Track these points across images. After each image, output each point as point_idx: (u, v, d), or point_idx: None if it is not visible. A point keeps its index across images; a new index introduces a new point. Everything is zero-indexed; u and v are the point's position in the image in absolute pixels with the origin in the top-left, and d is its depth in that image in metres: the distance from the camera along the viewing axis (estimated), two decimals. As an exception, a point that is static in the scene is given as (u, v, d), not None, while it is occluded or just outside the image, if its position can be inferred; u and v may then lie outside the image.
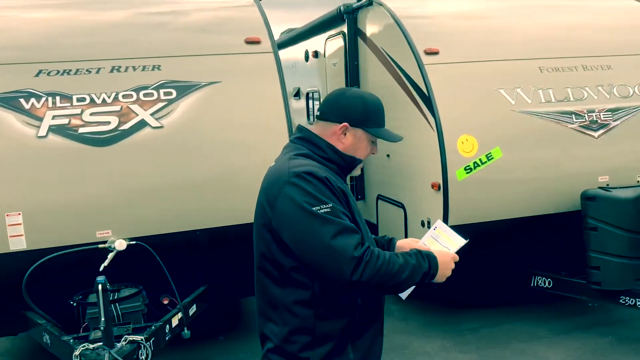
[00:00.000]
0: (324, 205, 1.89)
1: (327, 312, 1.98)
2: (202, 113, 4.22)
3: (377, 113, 2.15)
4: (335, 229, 1.87)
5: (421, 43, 4.85)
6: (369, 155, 2.19)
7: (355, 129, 2.10)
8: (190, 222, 4.16)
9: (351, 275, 1.85)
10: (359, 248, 1.88)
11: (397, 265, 1.91)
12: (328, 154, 2.08)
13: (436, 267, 1.99)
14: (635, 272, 4.40)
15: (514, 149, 4.66)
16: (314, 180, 1.92)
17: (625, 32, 5.47)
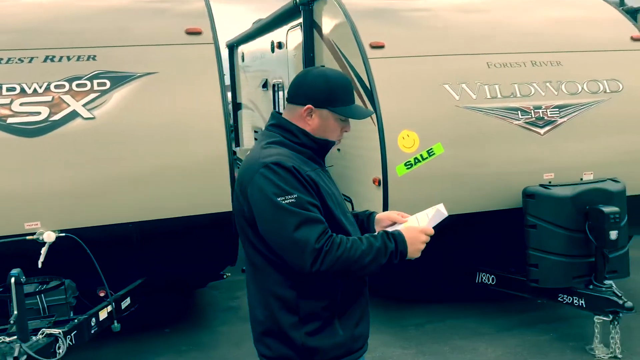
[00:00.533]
0: (289, 196, 1.92)
1: (309, 292, 2.02)
2: (135, 104, 4.17)
3: (341, 90, 2.11)
4: (297, 221, 1.90)
5: (367, 36, 4.80)
6: (342, 134, 2.17)
7: (320, 109, 2.09)
8: (122, 214, 4.12)
9: (311, 266, 1.90)
10: (321, 239, 1.91)
11: (359, 251, 1.94)
12: (301, 139, 2.09)
13: (404, 244, 2.00)
14: (573, 271, 4.39)
15: (457, 144, 4.63)
16: (280, 171, 1.95)
17: (578, 27, 5.43)
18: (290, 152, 2.05)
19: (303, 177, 1.98)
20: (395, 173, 4.50)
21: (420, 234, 2.06)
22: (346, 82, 2.16)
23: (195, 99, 4.27)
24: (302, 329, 2.04)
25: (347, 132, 2.20)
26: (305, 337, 2.04)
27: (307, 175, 1.99)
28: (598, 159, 4.94)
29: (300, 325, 2.04)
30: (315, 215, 1.95)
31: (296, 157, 2.04)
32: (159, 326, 5.28)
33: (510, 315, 5.19)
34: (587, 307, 4.35)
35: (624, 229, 4.45)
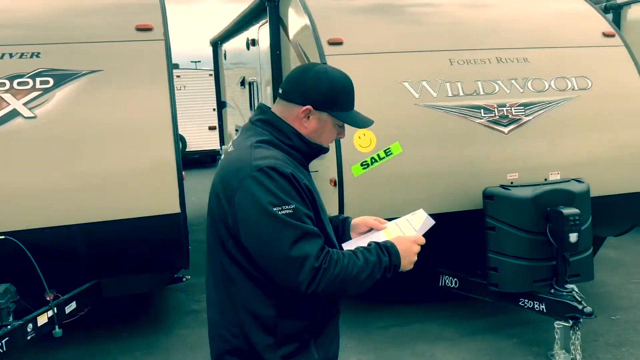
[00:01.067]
0: (286, 206, 1.74)
1: (290, 312, 1.87)
2: (79, 103, 4.06)
3: (344, 95, 1.96)
4: (296, 235, 1.73)
5: (326, 32, 4.66)
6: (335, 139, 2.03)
7: (320, 112, 1.91)
8: (65, 216, 4.01)
9: (308, 286, 1.74)
10: (320, 255, 1.74)
11: (357, 268, 1.79)
12: (294, 142, 1.91)
13: (397, 257, 1.87)
14: (533, 274, 4.24)
15: (416, 144, 4.49)
16: (277, 177, 1.76)
17: (547, 22, 5.27)
18: (283, 155, 1.87)
19: (300, 186, 1.80)
20: (351, 173, 4.37)
21: (413, 244, 1.94)
22: (350, 85, 2.00)
23: (141, 98, 4.16)
24: (277, 351, 1.87)
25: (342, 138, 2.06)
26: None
27: (303, 183, 1.82)
28: (565, 159, 4.79)
29: (276, 346, 1.87)
30: (313, 228, 1.77)
31: (290, 162, 1.87)
32: (117, 329, 5.18)
33: (475, 319, 5.05)
34: (547, 312, 4.20)
35: (587, 231, 4.31)
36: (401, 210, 4.48)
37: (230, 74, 9.67)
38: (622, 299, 5.46)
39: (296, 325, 1.88)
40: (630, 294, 5.60)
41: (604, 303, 5.38)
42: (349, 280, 1.77)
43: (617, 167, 4.95)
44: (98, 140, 4.06)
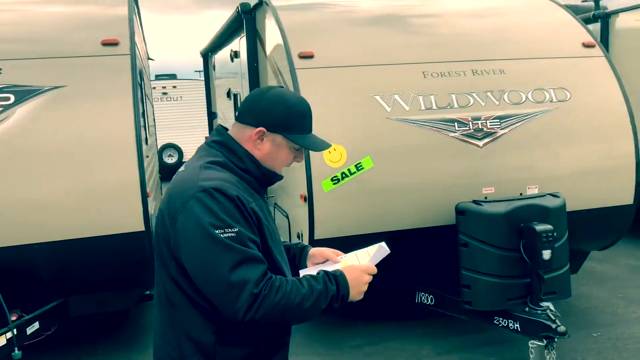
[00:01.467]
0: (229, 230, 1.69)
1: (229, 339, 1.82)
2: (40, 120, 3.99)
3: (299, 117, 1.91)
4: (236, 259, 1.68)
5: (297, 46, 4.59)
6: (291, 164, 1.98)
7: (274, 134, 1.88)
8: (26, 235, 3.93)
9: (245, 314, 1.68)
10: (260, 282, 1.69)
11: (300, 295, 1.74)
12: (246, 165, 1.88)
13: (345, 286, 1.82)
14: (507, 292, 4.13)
15: (387, 158, 4.40)
16: (222, 199, 1.72)
17: (525, 33, 5.19)
18: (234, 178, 1.83)
19: (246, 209, 1.76)
20: (321, 188, 4.28)
21: (363, 273, 1.87)
22: (307, 109, 1.96)
23: (104, 114, 4.08)
24: None
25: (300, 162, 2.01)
26: None
27: (250, 207, 1.77)
28: (543, 172, 4.69)
29: None
30: (256, 253, 1.73)
31: (240, 185, 1.82)
32: (92, 347, 5.10)
33: (452, 337, 4.94)
34: (521, 331, 4.09)
35: (563, 247, 4.20)
36: (372, 226, 4.43)
37: (219, 85, 9.63)
38: (606, 315, 5.34)
39: (237, 353, 1.84)
40: (614, 309, 5.47)
41: (587, 319, 5.26)
42: (290, 308, 1.73)
43: (598, 180, 4.85)
44: (60, 157, 3.99)
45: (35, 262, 4.00)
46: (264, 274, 1.72)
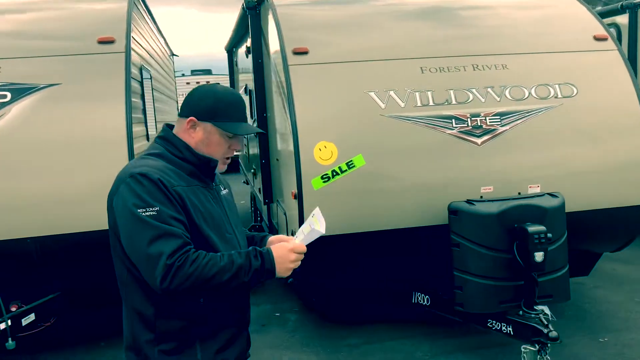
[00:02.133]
0: (150, 208, 1.89)
1: (167, 311, 1.99)
2: (35, 117, 4.09)
3: (227, 106, 2.09)
4: (153, 234, 1.87)
5: (292, 42, 4.55)
6: (231, 152, 2.14)
7: (204, 123, 2.07)
8: (20, 229, 4.03)
9: (161, 282, 1.85)
10: (175, 254, 1.85)
11: (216, 268, 1.89)
12: (183, 153, 2.07)
13: (271, 262, 1.96)
14: (500, 295, 4.01)
15: (380, 156, 4.32)
16: (145, 182, 1.92)
17: (532, 25, 4.99)
18: (167, 166, 2.02)
19: (169, 191, 1.94)
20: (311, 186, 4.24)
21: (290, 252, 2.01)
22: (234, 98, 2.14)
23: (97, 111, 4.14)
24: (156, 347, 2.00)
25: (238, 150, 2.15)
26: (159, 355, 2.00)
27: (173, 189, 1.95)
28: (545, 171, 4.51)
29: (155, 342, 2.00)
30: (173, 229, 1.89)
31: (170, 171, 2.01)
32: (95, 339, 5.21)
33: (451, 338, 4.84)
34: (514, 334, 3.97)
35: (560, 249, 4.04)
36: (364, 225, 4.36)
37: (240, 80, 9.68)
38: (618, 320, 5.12)
39: (174, 324, 1.99)
40: (628, 314, 5.25)
41: (596, 323, 5.06)
42: (206, 279, 1.87)
43: (606, 179, 4.64)
44: (54, 154, 4.08)
45: (29, 256, 4.09)
46: (180, 247, 1.86)
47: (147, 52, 5.96)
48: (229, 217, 2.17)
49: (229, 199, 2.29)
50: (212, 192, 2.13)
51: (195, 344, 2.02)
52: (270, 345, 4.95)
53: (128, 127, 4.11)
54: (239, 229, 2.23)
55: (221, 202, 2.16)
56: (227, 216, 2.16)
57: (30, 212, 4.05)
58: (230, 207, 2.23)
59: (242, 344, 2.17)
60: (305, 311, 5.71)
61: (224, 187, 2.31)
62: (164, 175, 1.95)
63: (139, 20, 5.49)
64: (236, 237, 2.16)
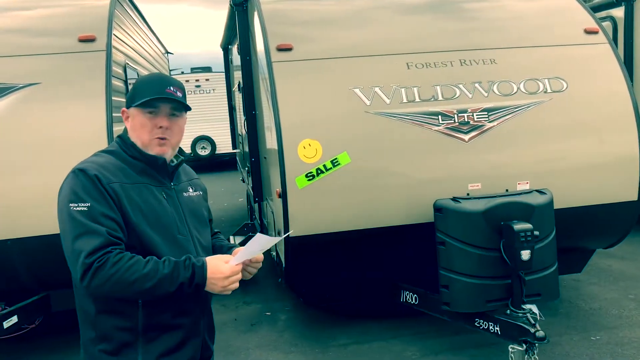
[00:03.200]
0: (82, 204, 1.87)
1: (107, 309, 1.95)
2: (13, 117, 4.03)
3: (143, 84, 2.06)
4: (80, 231, 1.84)
5: (275, 38, 4.49)
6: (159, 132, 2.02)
7: (129, 109, 2.06)
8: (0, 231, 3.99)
9: (81, 280, 1.83)
10: (95, 253, 1.82)
11: (138, 274, 1.84)
12: (131, 151, 2.05)
13: (202, 277, 1.90)
14: (487, 294, 3.94)
15: (365, 153, 4.25)
16: (81, 177, 1.90)
17: (520, 19, 4.91)
18: (115, 163, 2.00)
19: (104, 187, 1.91)
20: (296, 185, 4.18)
21: (222, 275, 1.92)
22: (151, 76, 2.12)
23: (77, 110, 4.09)
24: (97, 345, 1.97)
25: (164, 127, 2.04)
26: (99, 354, 1.96)
27: (109, 186, 1.92)
28: (534, 167, 4.45)
29: (96, 341, 1.97)
30: (98, 228, 1.85)
31: (116, 168, 1.98)
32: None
33: (440, 337, 4.77)
34: (501, 334, 3.89)
35: (548, 247, 3.97)
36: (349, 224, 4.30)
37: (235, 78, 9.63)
38: (611, 317, 5.05)
39: (113, 323, 1.95)
40: (621, 311, 5.17)
41: (589, 321, 4.99)
42: (127, 283, 1.83)
43: (597, 175, 4.57)
44: (32, 154, 4.03)
45: (10, 257, 4.05)
46: (101, 246, 1.82)
47: (134, 50, 5.90)
48: (186, 218, 2.11)
49: (194, 200, 2.22)
50: (167, 191, 2.08)
51: (137, 346, 1.97)
52: (258, 345, 4.90)
53: (108, 126, 4.06)
54: (200, 233, 2.16)
55: (177, 202, 2.10)
56: (183, 217, 2.09)
57: (9, 213, 4.00)
58: (192, 209, 2.16)
59: (192, 351, 2.07)
60: (297, 310, 5.66)
61: (194, 189, 2.24)
62: (102, 172, 1.93)
63: (124, 18, 5.43)
64: (192, 239, 2.09)
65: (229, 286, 1.93)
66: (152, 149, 2.04)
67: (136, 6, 6.36)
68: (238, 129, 10.24)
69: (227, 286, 1.93)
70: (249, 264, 2.07)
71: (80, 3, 4.73)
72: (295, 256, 4.34)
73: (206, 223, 2.25)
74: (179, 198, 2.12)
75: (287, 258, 4.38)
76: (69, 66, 4.24)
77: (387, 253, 4.50)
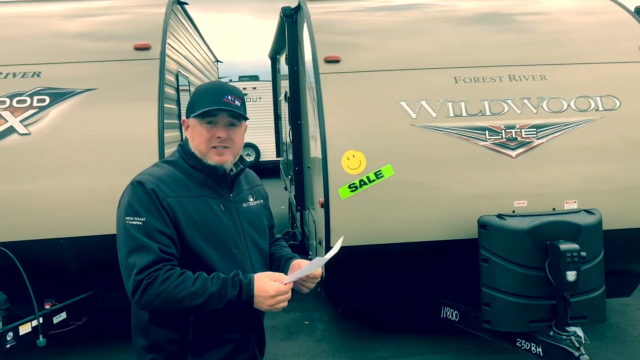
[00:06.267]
0: (137, 218, 1.87)
1: (159, 320, 1.97)
2: (70, 120, 4.20)
3: (200, 94, 2.04)
4: (133, 246, 1.85)
5: (324, 50, 4.54)
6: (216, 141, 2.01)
7: (189, 120, 2.05)
8: (53, 230, 4.15)
9: (132, 295, 1.85)
10: (145, 270, 1.83)
11: (186, 292, 1.84)
12: (193, 163, 2.04)
13: (249, 295, 1.89)
14: (530, 313, 3.87)
15: (410, 167, 4.24)
16: (138, 190, 1.91)
17: (572, 34, 4.82)
18: (174, 175, 1.98)
19: (160, 202, 1.90)
20: (338, 195, 4.20)
21: (269, 294, 1.88)
22: (208, 85, 2.08)
23: (131, 115, 4.23)
24: (148, 354, 2.00)
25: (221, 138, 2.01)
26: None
27: (166, 200, 1.91)
28: (582, 187, 4.34)
29: (147, 350, 2.00)
30: (151, 244, 1.85)
31: (174, 180, 1.96)
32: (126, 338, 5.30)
33: (481, 355, 4.70)
34: (544, 356, 3.82)
35: (595, 268, 3.87)
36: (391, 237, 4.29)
37: (282, 87, 9.75)
38: (660, 345, 4.86)
39: (164, 334, 1.97)
40: (671, 339, 4.98)
41: (638, 347, 4.82)
42: (175, 300, 1.84)
43: (650, 196, 4.42)
44: (87, 156, 4.18)
45: (61, 255, 4.21)
46: (152, 263, 1.83)
47: (186, 58, 6.06)
48: (243, 230, 2.07)
49: (254, 210, 2.18)
50: (226, 203, 2.05)
51: (186, 358, 1.98)
52: (295, 353, 4.92)
53: (160, 132, 4.18)
54: (258, 244, 2.14)
55: (235, 215, 2.07)
56: (240, 229, 2.06)
57: (63, 212, 4.15)
58: (250, 220, 2.13)
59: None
60: (335, 320, 5.66)
61: (254, 198, 2.21)
62: (160, 185, 1.92)
63: (177, 27, 5.59)
64: (248, 253, 2.07)
65: (275, 305, 1.90)
66: (211, 158, 2.01)
67: (189, 15, 6.53)
68: (283, 138, 10.35)
69: (274, 305, 1.90)
70: (306, 279, 2.05)
71: (137, 11, 4.90)
72: (336, 267, 4.35)
73: (265, 233, 2.22)
74: (237, 210, 2.09)
75: (328, 268, 4.40)
76: (124, 73, 4.40)
77: (428, 268, 4.46)
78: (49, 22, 4.72)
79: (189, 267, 1.90)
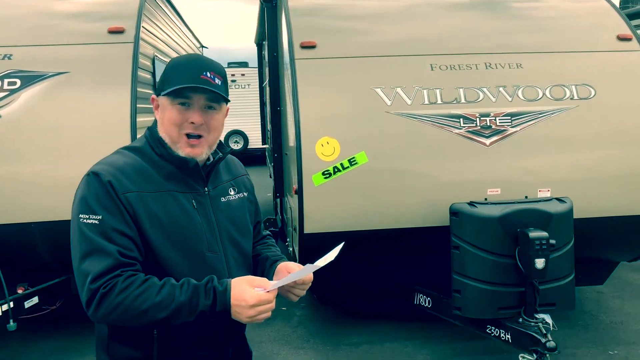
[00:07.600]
0: (93, 216, 1.60)
1: (119, 335, 1.72)
2: (41, 104, 4.16)
3: (178, 68, 1.71)
4: (87, 249, 1.59)
5: (300, 35, 4.51)
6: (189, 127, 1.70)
7: (159, 98, 1.74)
8: (24, 214, 4.12)
9: (86, 308, 1.59)
10: (101, 278, 1.55)
11: (150, 302, 1.56)
12: (160, 151, 1.74)
13: (225, 304, 1.59)
14: (499, 300, 3.89)
15: (384, 154, 4.24)
16: (94, 182, 1.63)
17: (550, 23, 4.81)
18: (138, 164, 1.70)
19: (118, 197, 1.61)
20: (312, 182, 4.20)
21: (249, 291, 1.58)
22: (182, 59, 1.74)
23: (102, 100, 4.19)
24: None
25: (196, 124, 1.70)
26: None
27: (124, 195, 1.62)
28: (557, 175, 4.36)
29: None
30: (108, 246, 1.58)
31: (136, 171, 1.68)
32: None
33: (454, 342, 4.73)
34: (512, 342, 3.84)
35: (565, 256, 3.89)
36: (364, 223, 4.29)
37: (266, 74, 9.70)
38: (631, 332, 4.92)
39: (125, 352, 1.73)
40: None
41: (608, 334, 4.87)
42: (136, 313, 1.56)
43: (622, 185, 4.45)
44: (56, 141, 4.14)
45: (32, 240, 4.18)
46: (109, 270, 1.56)
47: (165, 43, 6.00)
48: (220, 230, 1.78)
49: (234, 205, 1.87)
50: (200, 198, 1.76)
51: None
52: (271, 339, 4.94)
53: (132, 116, 4.15)
54: (238, 245, 1.85)
55: (211, 212, 1.78)
56: (216, 229, 1.77)
57: (33, 196, 4.12)
58: (230, 217, 1.83)
59: None
60: (313, 307, 5.68)
61: (236, 191, 1.91)
62: (119, 177, 1.64)
63: (155, 11, 5.54)
64: (225, 256, 1.78)
65: (256, 316, 1.59)
66: (181, 148, 1.72)
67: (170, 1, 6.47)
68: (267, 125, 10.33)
69: (255, 316, 1.58)
70: (295, 285, 1.76)
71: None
72: (310, 253, 4.35)
73: (249, 231, 1.93)
74: (213, 205, 1.79)
75: (302, 255, 4.40)
76: (97, 57, 4.35)
77: (402, 255, 4.48)
78: (21, 4, 4.65)
79: (153, 275, 1.63)
